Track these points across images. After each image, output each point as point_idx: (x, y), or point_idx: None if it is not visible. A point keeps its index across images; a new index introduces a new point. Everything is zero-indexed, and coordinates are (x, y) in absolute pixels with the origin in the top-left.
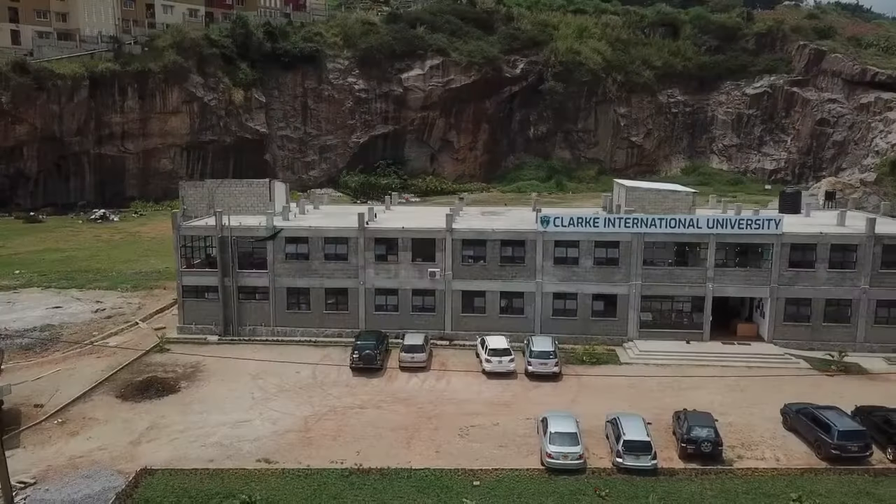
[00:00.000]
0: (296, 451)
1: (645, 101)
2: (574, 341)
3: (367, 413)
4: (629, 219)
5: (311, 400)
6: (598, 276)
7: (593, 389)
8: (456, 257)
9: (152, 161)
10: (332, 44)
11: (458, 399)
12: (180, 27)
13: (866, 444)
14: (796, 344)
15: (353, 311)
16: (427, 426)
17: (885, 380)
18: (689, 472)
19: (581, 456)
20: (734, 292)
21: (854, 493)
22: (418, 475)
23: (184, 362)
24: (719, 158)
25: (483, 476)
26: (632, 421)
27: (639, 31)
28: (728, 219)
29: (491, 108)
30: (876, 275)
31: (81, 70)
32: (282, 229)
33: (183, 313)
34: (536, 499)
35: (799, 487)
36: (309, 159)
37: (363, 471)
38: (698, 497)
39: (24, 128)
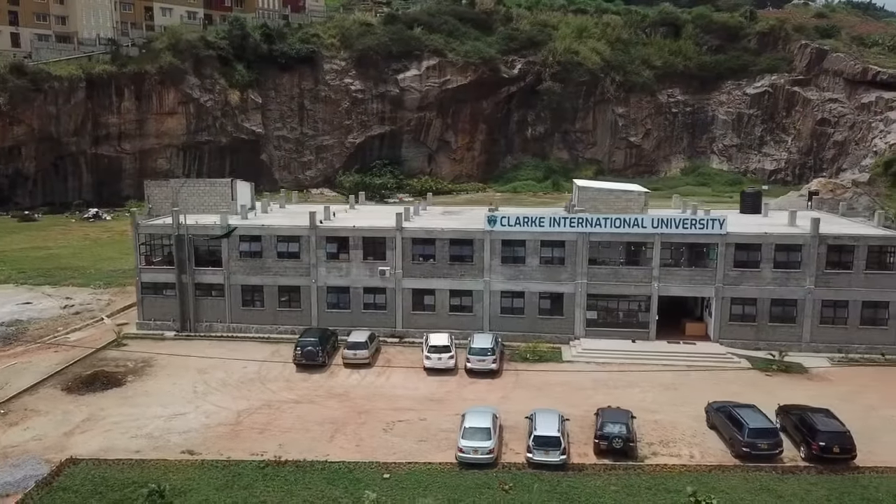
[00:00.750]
0: (221, 443)
1: (644, 101)
2: (522, 339)
3: (301, 407)
4: (574, 219)
5: (250, 394)
6: (544, 275)
7: (529, 386)
8: (406, 256)
9: (149, 161)
10: (329, 45)
11: (392, 395)
12: (176, 29)
13: (776, 442)
14: (742, 343)
15: (306, 309)
16: (355, 421)
17: (823, 380)
18: (599, 467)
19: (491, 451)
20: (680, 292)
21: (756, 490)
22: (332, 468)
23: (136, 357)
24: (719, 158)
25: (395, 469)
26: (546, 417)
27: (640, 30)
28: (672, 219)
29: (488, 108)
30: (821, 275)
31: (78, 72)
32: (235, 227)
33: (142, 310)
34: (441, 491)
35: (704, 484)
36: (306, 159)
37: (279, 463)
38: (600, 492)
39: (22, 128)
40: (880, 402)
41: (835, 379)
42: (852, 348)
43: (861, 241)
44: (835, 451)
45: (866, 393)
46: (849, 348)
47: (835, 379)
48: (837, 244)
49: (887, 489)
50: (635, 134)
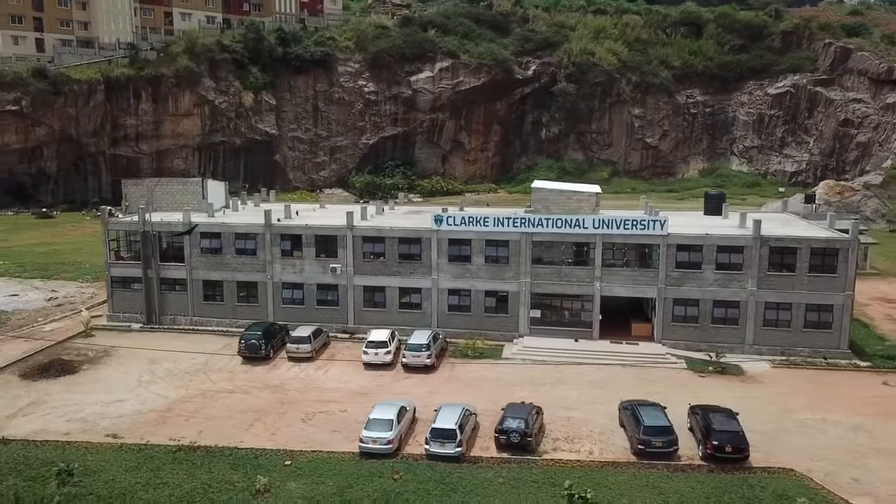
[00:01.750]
0: (146, 428)
1: (661, 102)
2: (469, 336)
3: (233, 397)
4: (517, 218)
5: (190, 384)
6: (489, 274)
7: (460, 382)
8: (357, 254)
9: (165, 161)
10: (343, 47)
11: (325, 387)
12: (193, 33)
13: (671, 441)
14: (685, 345)
15: (263, 304)
16: (278, 411)
17: (756, 382)
18: (494, 460)
19: (390, 441)
20: (623, 292)
21: (640, 486)
22: (239, 454)
23: (98, 347)
24: (739, 160)
25: (299, 457)
26: (448, 410)
27: (660, 30)
28: (613, 219)
29: (502, 109)
30: (763, 277)
31: (97, 75)
32: (197, 225)
33: (112, 302)
34: (335, 478)
35: (591, 479)
36: (319, 160)
37: (192, 448)
38: (486, 483)
39: (44, 129)
40: (803, 406)
41: (768, 381)
42: (796, 351)
43: (803, 243)
44: (727, 450)
45: (794, 396)
46: (792, 351)
47: (768, 381)
48: (779, 246)
49: (773, 489)
50: (652, 135)
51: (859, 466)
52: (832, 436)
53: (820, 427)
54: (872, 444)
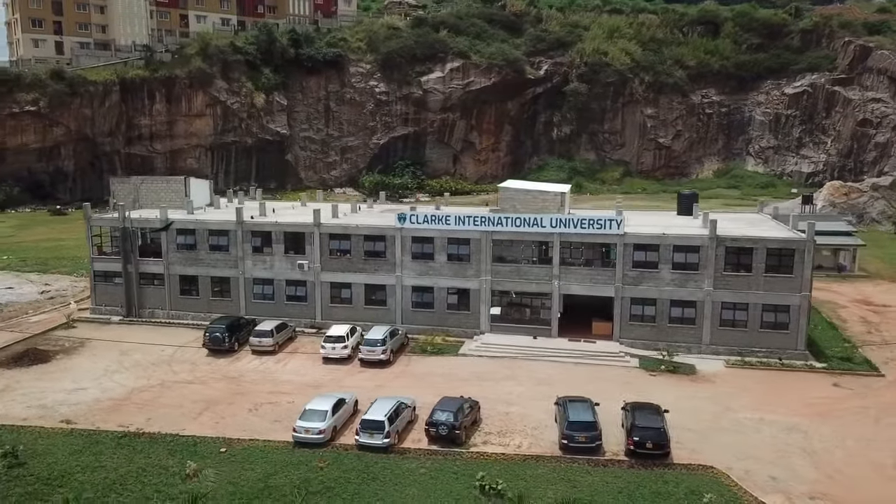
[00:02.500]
0: (100, 415)
1: (675, 102)
2: (432, 332)
3: (189, 387)
4: (477, 217)
5: (152, 374)
6: (452, 271)
7: (410, 377)
8: (324, 251)
9: (179, 160)
10: (355, 48)
11: (280, 380)
12: (206, 36)
13: (594, 436)
14: (642, 343)
15: (235, 299)
16: (228, 401)
17: (706, 381)
18: (422, 452)
19: (322, 431)
20: (580, 291)
21: (556, 480)
22: (179, 440)
23: (76, 338)
24: (755, 161)
25: (235, 444)
26: (381, 403)
27: (676, 29)
28: (570, 219)
29: (514, 109)
30: (720, 277)
31: (113, 76)
32: (173, 222)
33: (94, 296)
34: (263, 465)
35: (510, 472)
36: (331, 160)
37: (136, 434)
38: (407, 473)
39: (61, 129)
40: (745, 405)
41: (718, 381)
42: (752, 352)
43: (759, 243)
44: (648, 446)
45: (739, 396)
46: (749, 351)
47: (718, 381)
48: (735, 246)
49: (686, 486)
50: (665, 135)
51: (782, 465)
52: (764, 435)
53: (755, 426)
54: (803, 443)
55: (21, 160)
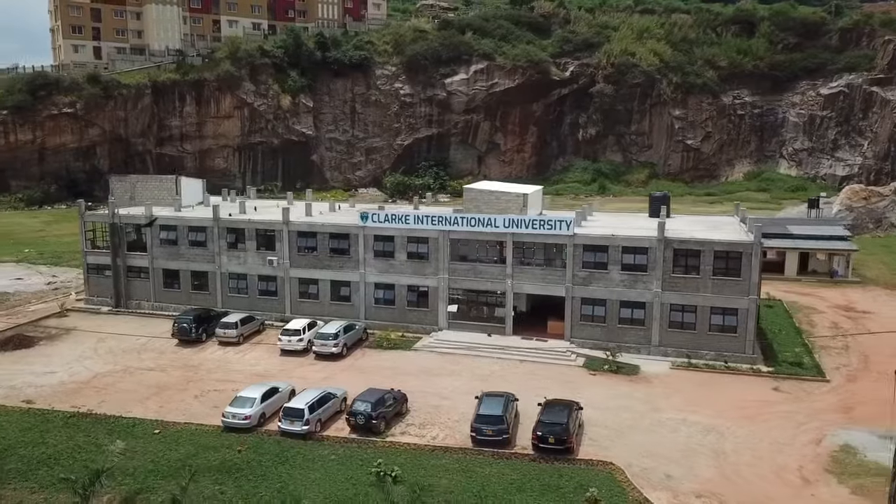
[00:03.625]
0: (59, 397)
1: (704, 103)
2: (394, 328)
3: (149, 374)
4: (435, 217)
5: (119, 361)
6: (412, 269)
7: (357, 370)
8: (293, 247)
9: (207, 160)
10: (382, 51)
11: (234, 369)
12: (236, 40)
13: (501, 430)
14: (593, 343)
15: (213, 292)
16: (179, 387)
17: (645, 381)
18: (339, 439)
19: (248, 417)
20: (533, 290)
21: (454, 470)
22: (121, 422)
23: (63, 326)
24: (788, 163)
25: (170, 427)
26: (306, 393)
27: (710, 29)
28: (523, 219)
29: (539, 110)
30: (668, 279)
31: (145, 80)
32: (156, 218)
33: (87, 287)
34: (187, 447)
35: (414, 461)
36: (355, 160)
37: (83, 415)
38: (318, 459)
39: (96, 130)
40: (674, 406)
41: (656, 382)
42: (701, 354)
43: (706, 245)
44: (550, 441)
45: (672, 397)
46: (697, 354)
47: (656, 382)
48: (683, 248)
49: (578, 480)
50: (693, 137)
51: (683, 464)
52: (679, 435)
53: (674, 426)
54: (715, 444)
55: (60, 159)
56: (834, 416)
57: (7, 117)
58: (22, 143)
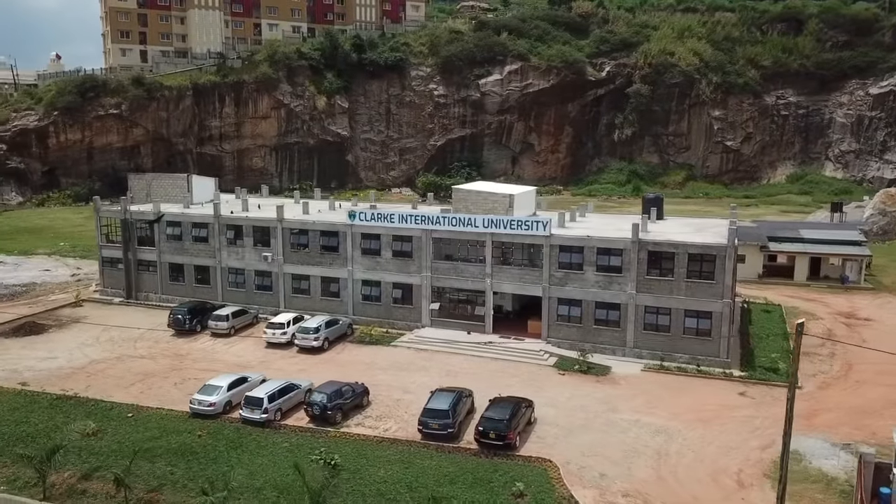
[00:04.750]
0: (52, 381)
1: (745, 104)
2: (379, 324)
3: (139, 361)
4: (418, 216)
5: (116, 349)
6: (396, 267)
7: (333, 363)
8: (286, 244)
9: (245, 159)
10: (417, 52)
11: (218, 359)
12: (274, 43)
13: (446, 424)
14: (569, 344)
15: (214, 286)
16: (163, 375)
17: (612, 382)
18: (296, 428)
19: (213, 404)
20: (512, 289)
21: (394, 461)
22: (100, 405)
23: (76, 315)
24: (834, 165)
25: (143, 412)
26: (268, 384)
27: (754, 27)
28: (501, 220)
29: (574, 111)
30: (643, 281)
31: (186, 82)
32: (163, 214)
33: (102, 279)
34: (153, 430)
35: (360, 450)
36: (390, 160)
37: (68, 398)
38: (270, 445)
39: (140, 130)
40: (631, 408)
41: (623, 384)
42: (675, 357)
43: (680, 248)
44: (491, 436)
45: (633, 399)
46: (671, 357)
47: (623, 384)
48: (657, 250)
49: (511, 474)
50: (733, 138)
51: (621, 464)
52: (628, 436)
53: (626, 427)
54: (662, 446)
55: (106, 158)
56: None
57: (58, 118)
58: (72, 143)
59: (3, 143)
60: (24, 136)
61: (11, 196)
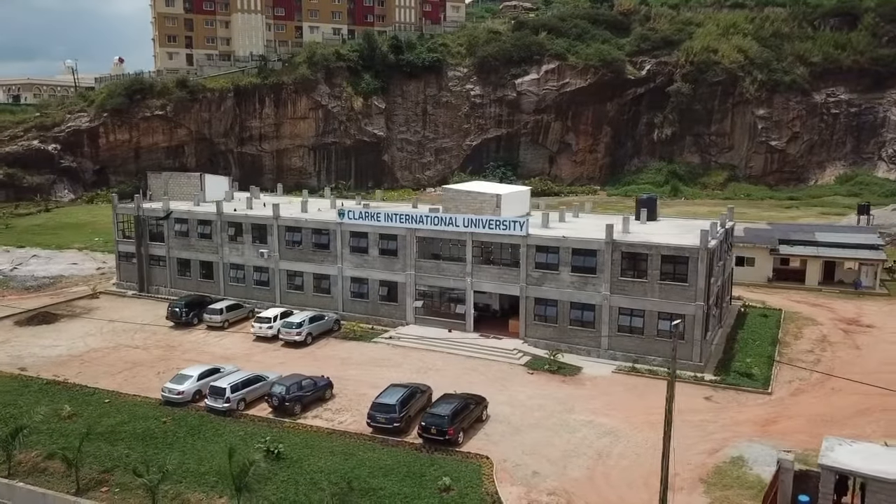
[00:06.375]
0: (48, 367)
1: (791, 102)
2: (367, 321)
3: (132, 351)
4: (403, 215)
5: (115, 339)
6: (382, 265)
7: (313, 358)
8: (282, 241)
9: (284, 159)
10: (455, 53)
11: (206, 351)
12: (313, 45)
13: (392, 419)
14: (545, 343)
15: (217, 281)
16: (150, 364)
17: (577, 383)
18: (255, 418)
19: (181, 393)
20: (491, 288)
21: (336, 452)
22: (84, 390)
23: (89, 307)
24: (888, 166)
25: (120, 398)
26: (232, 375)
27: (805, 23)
28: (481, 219)
29: (612, 110)
30: (616, 282)
31: (228, 84)
32: (172, 212)
33: (119, 273)
34: (124, 416)
35: (308, 441)
36: (425, 160)
37: (57, 383)
38: (226, 433)
39: (183, 131)
40: (588, 409)
41: (589, 384)
42: (648, 359)
43: (653, 249)
44: (432, 431)
45: (593, 400)
46: (645, 359)
47: (589, 384)
48: (631, 252)
49: (445, 469)
50: (778, 137)
51: (558, 463)
52: (576, 436)
53: (576, 427)
54: (605, 447)
55: (153, 157)
56: (749, 428)
57: (108, 119)
58: (120, 143)
59: (57, 143)
60: (76, 136)
61: (64, 193)
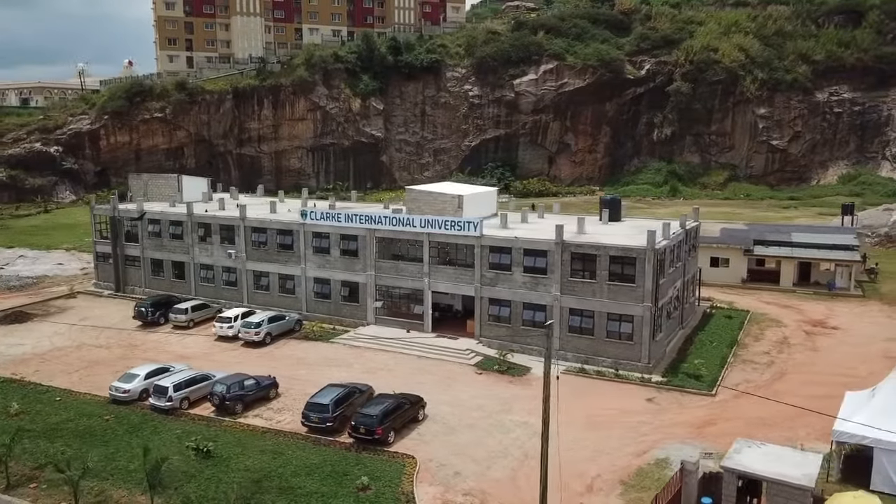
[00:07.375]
0: (7, 365)
1: (793, 101)
2: (329, 321)
3: (94, 350)
4: (363, 215)
5: (80, 338)
6: (343, 265)
7: (270, 357)
8: (248, 242)
9: (283, 160)
10: (454, 54)
11: (165, 350)
12: (311, 47)
13: (325, 418)
14: (498, 343)
15: (188, 281)
16: (108, 363)
17: (524, 384)
18: (193, 416)
19: (127, 391)
20: (447, 289)
21: (266, 451)
22: (38, 388)
23: (64, 306)
24: (892, 165)
25: (73, 396)
26: (178, 374)
27: (809, 21)
28: (436, 220)
29: (611, 110)
30: (567, 282)
31: (226, 86)
32: (146, 213)
33: (96, 273)
34: (70, 413)
35: (239, 439)
36: (424, 161)
37: (13, 381)
38: (165, 431)
39: (183, 133)
40: (527, 409)
41: (536, 385)
42: (598, 360)
43: (601, 250)
44: (361, 431)
45: (536, 400)
46: (595, 360)
47: (536, 385)
48: (580, 252)
49: (369, 468)
50: (780, 137)
51: (482, 464)
52: (508, 437)
53: (510, 428)
54: (534, 448)
55: (153, 159)
56: (683, 429)
57: (108, 121)
58: (121, 145)
59: (59, 145)
60: (77, 138)
61: (66, 195)
